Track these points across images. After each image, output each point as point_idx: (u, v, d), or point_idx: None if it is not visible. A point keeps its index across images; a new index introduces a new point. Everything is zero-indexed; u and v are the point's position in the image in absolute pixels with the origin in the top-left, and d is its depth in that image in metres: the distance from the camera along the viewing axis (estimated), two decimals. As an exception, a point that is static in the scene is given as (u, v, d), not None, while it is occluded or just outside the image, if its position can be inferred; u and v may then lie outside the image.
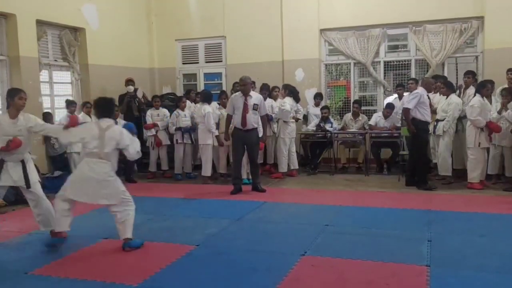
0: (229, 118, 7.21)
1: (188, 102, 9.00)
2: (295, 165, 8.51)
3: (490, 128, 6.86)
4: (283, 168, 8.37)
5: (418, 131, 6.99)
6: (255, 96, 7.12)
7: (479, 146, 6.95)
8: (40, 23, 8.02)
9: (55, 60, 8.66)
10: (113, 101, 5.04)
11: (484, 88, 7.05)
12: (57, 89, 8.74)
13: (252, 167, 7.29)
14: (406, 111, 7.10)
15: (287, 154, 8.35)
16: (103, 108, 4.79)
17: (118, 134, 4.63)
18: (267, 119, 7.53)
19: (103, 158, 4.53)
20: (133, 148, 4.71)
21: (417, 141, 7.09)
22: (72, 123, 4.95)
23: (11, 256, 4.60)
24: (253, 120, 7.01)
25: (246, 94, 6.99)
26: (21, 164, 4.82)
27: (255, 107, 6.98)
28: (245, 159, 7.44)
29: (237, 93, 7.22)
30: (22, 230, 5.46)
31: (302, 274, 3.90)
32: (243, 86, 6.99)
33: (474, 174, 7.02)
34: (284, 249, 4.54)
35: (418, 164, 7.14)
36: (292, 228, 5.31)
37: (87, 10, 9.00)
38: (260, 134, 7.27)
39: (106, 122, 4.68)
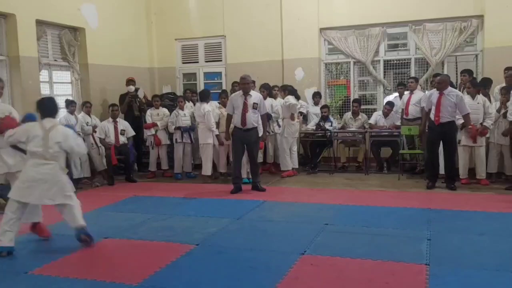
0: (229, 117, 7.22)
1: (187, 101, 9.01)
2: (295, 164, 8.52)
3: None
4: (287, 166, 8.36)
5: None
6: (254, 95, 7.13)
7: (459, 143, 7.07)
8: (39, 23, 8.02)
9: (55, 60, 8.66)
10: (55, 100, 4.87)
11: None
12: (57, 89, 8.74)
13: (252, 166, 7.29)
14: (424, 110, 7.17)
15: (290, 152, 8.37)
16: (45, 108, 4.66)
17: (62, 134, 4.58)
18: (267, 118, 7.52)
19: (49, 159, 4.50)
20: (77, 147, 4.72)
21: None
22: (7, 124, 4.80)
23: (11, 256, 4.59)
24: (253, 119, 7.00)
25: (246, 93, 7.00)
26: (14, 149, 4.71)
27: (255, 106, 6.99)
28: (245, 158, 7.44)
29: (237, 93, 7.23)
30: (21, 230, 5.42)
31: (302, 273, 3.91)
32: (244, 85, 7.00)
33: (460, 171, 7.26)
34: (284, 248, 4.55)
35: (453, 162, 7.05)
36: (292, 227, 5.31)
37: (86, 9, 9.00)
38: (260, 133, 7.27)
39: (50, 122, 4.59)
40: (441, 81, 6.88)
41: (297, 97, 8.60)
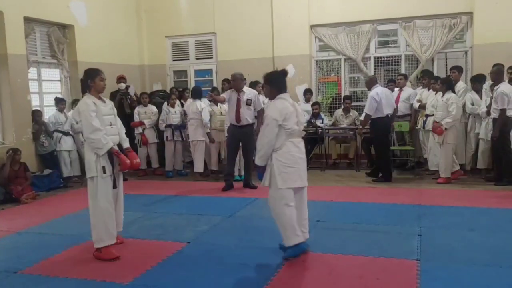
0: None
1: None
2: None
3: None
4: None
5: None
6: (248, 92, 7.11)
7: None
8: (27, 20, 7.93)
9: (44, 58, 8.57)
10: None
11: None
12: (46, 87, 8.66)
13: (245, 164, 7.28)
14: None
15: None
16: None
17: None
18: (262, 113, 7.08)
19: None
20: None
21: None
22: None
23: (0, 256, 4.56)
24: (248, 115, 7.00)
25: (238, 90, 7.00)
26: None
27: (249, 102, 6.98)
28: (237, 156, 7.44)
29: (229, 90, 7.24)
30: (11, 229, 5.41)
31: (293, 270, 3.91)
32: (234, 82, 7.05)
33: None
34: (275, 246, 4.52)
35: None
36: (284, 224, 5.31)
37: (75, 6, 8.91)
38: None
39: None
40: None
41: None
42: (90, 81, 4.44)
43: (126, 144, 4.65)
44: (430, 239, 4.54)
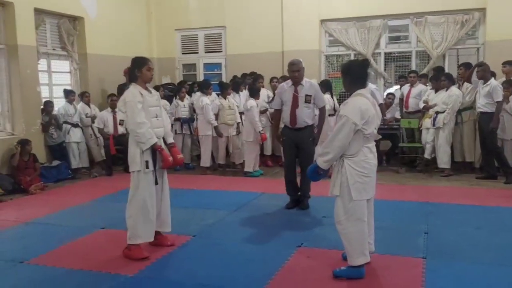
0: (276, 113, 5.82)
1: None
2: None
3: None
4: None
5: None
6: (307, 85, 5.54)
7: None
8: (38, 11, 7.96)
9: (54, 49, 8.61)
10: None
11: None
12: (55, 78, 8.70)
13: (302, 176, 5.68)
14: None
15: None
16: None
17: None
18: (324, 112, 5.86)
19: None
20: None
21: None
22: None
23: (7, 245, 4.60)
24: (306, 115, 5.50)
25: (296, 83, 5.53)
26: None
27: (308, 99, 5.47)
28: (256, 146, 7.29)
29: (284, 83, 5.81)
30: (18, 219, 5.46)
31: (298, 265, 3.90)
32: (293, 72, 5.47)
33: None
34: (281, 240, 4.54)
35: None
36: (289, 219, 5.31)
37: (85, -2, 8.95)
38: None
39: None
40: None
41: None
42: (137, 70, 4.21)
43: (170, 139, 4.39)
44: (437, 237, 4.50)
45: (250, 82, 8.57)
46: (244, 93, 8.48)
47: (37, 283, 3.69)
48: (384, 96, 8.86)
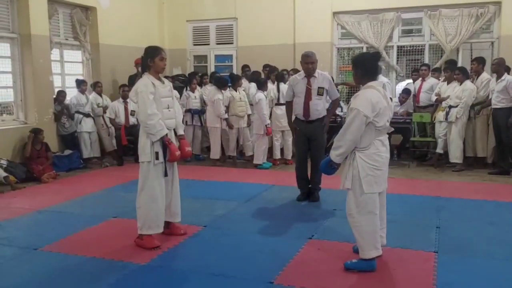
0: (289, 105, 5.75)
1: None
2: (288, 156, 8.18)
3: None
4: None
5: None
6: (321, 77, 5.50)
7: None
8: (51, 1, 8.00)
9: (66, 39, 8.65)
10: None
11: None
12: (68, 68, 8.75)
13: (312, 167, 5.70)
14: None
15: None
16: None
17: None
18: (337, 103, 6.10)
19: None
20: None
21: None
22: None
23: (21, 233, 4.66)
24: (320, 107, 5.51)
25: (310, 75, 5.48)
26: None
27: (320, 92, 5.45)
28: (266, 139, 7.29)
29: (297, 74, 5.74)
30: (31, 207, 5.52)
31: (308, 257, 3.90)
32: (307, 64, 5.41)
33: None
34: (291, 232, 4.55)
35: None
36: (300, 211, 5.31)
37: (98, -12, 8.96)
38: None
39: None
40: None
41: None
42: (150, 60, 4.15)
43: (180, 130, 4.38)
44: (449, 231, 4.48)
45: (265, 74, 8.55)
46: (252, 85, 8.40)
47: (51, 270, 3.72)
48: (400, 92, 8.78)
